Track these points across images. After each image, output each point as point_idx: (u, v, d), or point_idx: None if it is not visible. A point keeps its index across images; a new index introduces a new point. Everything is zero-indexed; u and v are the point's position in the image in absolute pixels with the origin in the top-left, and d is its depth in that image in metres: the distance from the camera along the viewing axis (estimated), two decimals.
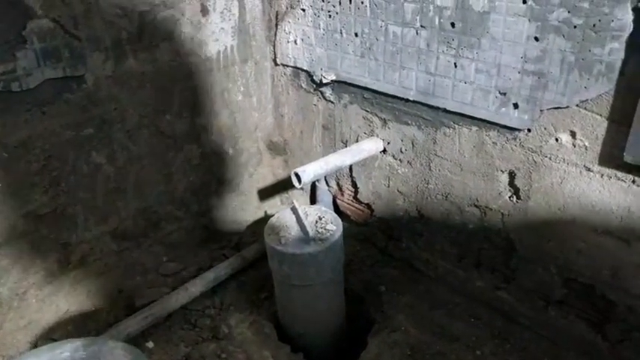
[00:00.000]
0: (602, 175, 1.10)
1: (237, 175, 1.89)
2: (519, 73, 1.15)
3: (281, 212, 1.51)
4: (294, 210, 1.45)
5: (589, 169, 1.12)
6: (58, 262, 1.47)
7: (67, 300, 1.50)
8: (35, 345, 1.37)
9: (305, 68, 1.70)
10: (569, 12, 1.02)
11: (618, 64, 0.98)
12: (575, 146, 1.13)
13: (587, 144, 1.10)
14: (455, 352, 1.41)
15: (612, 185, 1.09)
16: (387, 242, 1.73)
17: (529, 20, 1.09)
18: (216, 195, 1.85)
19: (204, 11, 1.57)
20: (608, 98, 1.03)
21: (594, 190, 1.13)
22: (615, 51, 0.98)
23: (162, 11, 1.46)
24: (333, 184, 1.85)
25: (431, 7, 1.26)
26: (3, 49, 1.20)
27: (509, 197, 1.30)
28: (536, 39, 1.09)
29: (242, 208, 1.92)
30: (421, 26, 1.30)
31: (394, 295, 1.64)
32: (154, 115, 1.56)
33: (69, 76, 1.33)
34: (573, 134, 1.11)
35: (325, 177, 1.84)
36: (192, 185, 1.76)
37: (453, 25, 1.24)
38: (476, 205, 1.39)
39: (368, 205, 1.73)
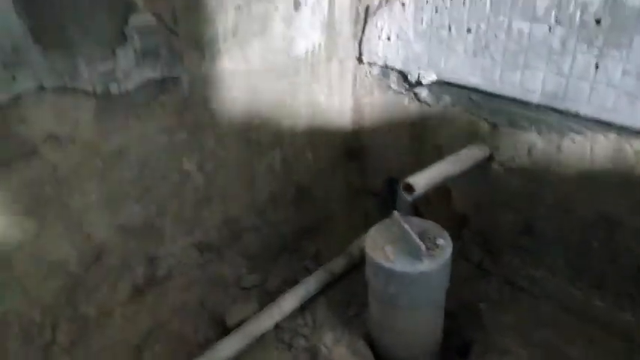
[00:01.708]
0: None
1: (314, 181, 1.77)
2: None
3: (380, 224, 1.39)
4: (398, 221, 1.33)
5: None
6: (145, 278, 1.37)
7: (152, 317, 1.39)
8: None
9: (398, 67, 1.58)
10: None
11: None
12: None
13: None
14: None
15: None
16: (483, 257, 1.61)
17: None
18: (293, 203, 1.73)
19: (297, 5, 1.45)
20: None
21: None
22: None
23: (256, 4, 1.34)
24: None
25: (572, 2, 1.13)
26: (103, 46, 1.09)
27: None
28: None
29: (317, 216, 1.81)
30: (556, 22, 1.18)
31: (495, 313, 1.53)
32: (243, 121, 1.44)
33: (166, 77, 1.22)
34: None
35: None
36: (271, 193, 1.64)
37: (598, 21, 1.11)
38: (606, 221, 1.27)
39: (463, 217, 1.62)
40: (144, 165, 1.25)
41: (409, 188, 1.30)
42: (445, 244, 1.31)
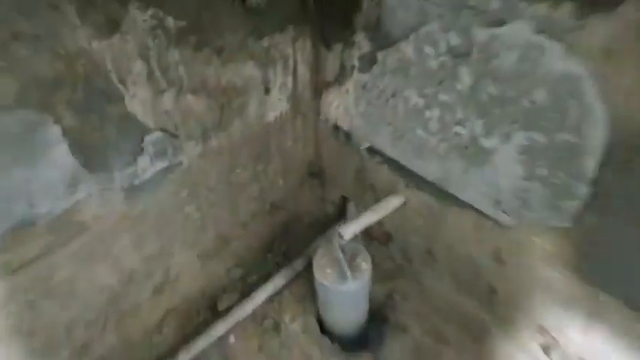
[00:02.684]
0: None
1: (285, 198, 2.36)
2: None
3: (325, 247, 2.01)
4: (337, 253, 1.94)
5: None
6: (162, 281, 2.02)
7: (167, 304, 2.08)
8: None
9: (345, 129, 2.08)
10: None
11: None
12: None
13: None
14: (446, 353, 2.02)
15: None
16: (402, 261, 2.26)
17: None
18: (268, 214, 2.34)
19: (267, 91, 1.92)
20: None
21: None
22: None
23: (236, 99, 1.82)
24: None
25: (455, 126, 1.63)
26: (128, 157, 1.62)
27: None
28: None
29: (287, 222, 2.42)
30: (439, 141, 1.68)
31: (404, 302, 2.21)
32: (227, 172, 1.99)
33: (171, 164, 1.76)
34: None
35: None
36: (252, 212, 2.24)
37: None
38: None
39: (389, 234, 2.23)
40: (159, 216, 1.83)
41: (340, 235, 1.90)
42: (366, 267, 1.94)
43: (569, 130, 1.28)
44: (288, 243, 2.40)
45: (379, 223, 2.23)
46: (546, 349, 1.82)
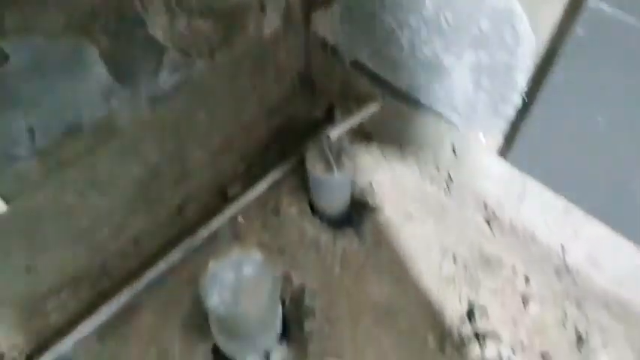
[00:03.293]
0: None
1: (281, 104, 2.72)
2: None
3: (315, 143, 2.42)
4: (325, 151, 2.36)
5: None
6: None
7: (186, 194, 2.53)
8: None
9: (331, 44, 2.38)
10: None
11: None
12: None
13: None
14: (409, 225, 2.54)
15: None
16: (379, 155, 2.70)
17: None
18: (267, 119, 2.71)
19: (262, 8, 2.19)
20: None
21: None
22: None
23: (237, 19, 2.11)
24: None
25: None
26: (151, 73, 1.95)
27: None
28: None
29: (284, 125, 2.81)
30: None
31: (380, 188, 2.70)
32: (230, 83, 2.33)
33: (185, 78, 2.09)
34: None
35: None
36: (251, 116, 2.61)
37: None
38: None
39: (369, 133, 2.64)
40: (175, 121, 2.20)
41: (327, 136, 2.30)
42: (349, 162, 2.38)
43: (507, 52, 1.64)
44: (284, 143, 2.80)
45: (361, 125, 2.64)
46: (488, 221, 2.35)
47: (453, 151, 2.21)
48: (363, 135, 2.71)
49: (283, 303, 2.24)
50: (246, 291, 1.78)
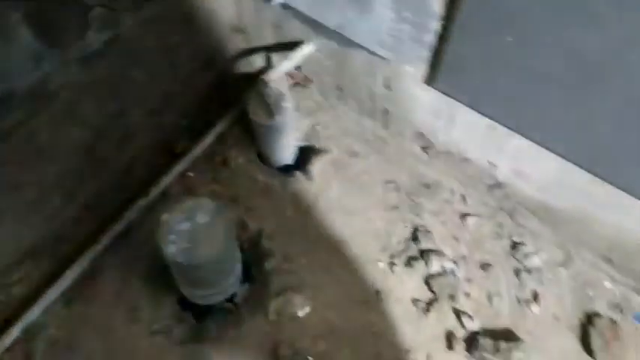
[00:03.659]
0: None
1: (215, 56, 2.73)
2: None
3: (257, 88, 2.46)
4: (265, 97, 2.41)
5: None
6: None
7: (134, 152, 2.54)
8: None
9: None
10: None
11: None
12: None
13: None
14: (355, 163, 2.67)
15: None
16: (320, 98, 2.78)
17: None
18: (203, 72, 2.72)
19: None
20: None
21: None
22: None
23: None
24: None
25: None
26: (79, 33, 1.92)
27: None
28: None
29: (220, 76, 2.83)
30: None
31: (324, 130, 2.80)
32: (162, 37, 2.32)
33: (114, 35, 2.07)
34: None
35: None
36: (188, 70, 2.61)
37: None
38: None
39: (308, 77, 2.70)
40: (112, 81, 2.20)
41: (264, 82, 2.35)
42: (288, 105, 2.45)
43: None
44: (225, 95, 2.83)
45: (299, 69, 2.70)
46: (425, 148, 2.51)
47: (387, 85, 2.32)
48: (304, 79, 2.77)
49: (242, 248, 2.35)
50: (202, 237, 1.86)
